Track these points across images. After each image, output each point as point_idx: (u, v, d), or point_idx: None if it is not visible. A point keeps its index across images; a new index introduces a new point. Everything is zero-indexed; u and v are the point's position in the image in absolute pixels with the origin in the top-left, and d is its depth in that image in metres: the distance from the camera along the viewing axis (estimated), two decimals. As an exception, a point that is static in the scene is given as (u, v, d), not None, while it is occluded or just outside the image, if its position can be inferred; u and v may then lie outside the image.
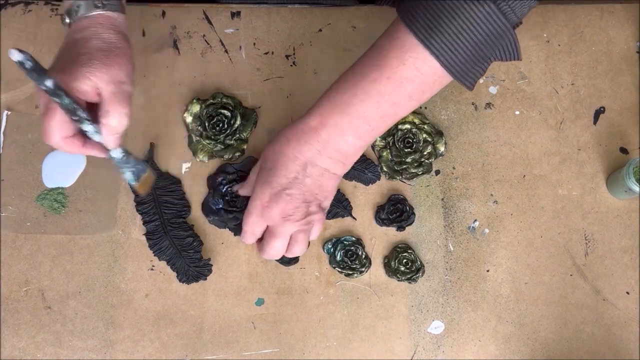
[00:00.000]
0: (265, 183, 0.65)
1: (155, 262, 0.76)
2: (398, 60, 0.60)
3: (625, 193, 0.75)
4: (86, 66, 0.58)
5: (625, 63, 0.83)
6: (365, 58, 0.63)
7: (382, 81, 0.61)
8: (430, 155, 0.78)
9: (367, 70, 0.62)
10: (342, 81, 0.64)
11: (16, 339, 0.73)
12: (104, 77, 0.59)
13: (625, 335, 0.75)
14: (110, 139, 0.61)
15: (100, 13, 0.63)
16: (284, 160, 0.64)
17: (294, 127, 0.64)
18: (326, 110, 0.63)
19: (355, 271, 0.75)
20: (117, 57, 0.61)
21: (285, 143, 0.64)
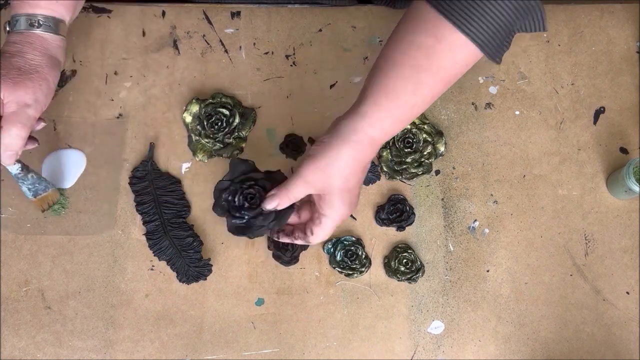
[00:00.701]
0: (351, 205, 0.65)
1: (155, 262, 0.76)
2: (437, 47, 0.59)
3: (625, 193, 0.75)
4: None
5: (625, 63, 0.83)
6: (398, 48, 0.61)
7: (422, 70, 0.59)
8: (430, 155, 0.78)
9: (405, 60, 0.60)
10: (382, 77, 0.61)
11: (16, 339, 0.73)
12: (8, 96, 0.63)
13: (625, 335, 0.75)
14: (5, 156, 0.64)
15: (33, 32, 0.66)
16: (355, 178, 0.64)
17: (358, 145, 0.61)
18: (387, 122, 0.61)
19: (355, 271, 0.75)
20: (29, 81, 0.64)
21: (355, 165, 0.62)
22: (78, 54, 0.82)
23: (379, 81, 0.60)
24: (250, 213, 0.66)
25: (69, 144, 0.79)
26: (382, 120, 0.60)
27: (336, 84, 0.82)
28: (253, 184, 0.67)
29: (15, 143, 0.64)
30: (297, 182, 0.63)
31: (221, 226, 0.77)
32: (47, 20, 0.67)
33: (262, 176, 0.68)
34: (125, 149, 0.79)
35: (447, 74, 0.60)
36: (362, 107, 0.61)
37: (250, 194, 0.66)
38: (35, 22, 0.66)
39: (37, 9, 0.67)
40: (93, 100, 0.81)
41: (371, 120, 0.60)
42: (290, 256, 0.75)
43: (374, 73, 0.61)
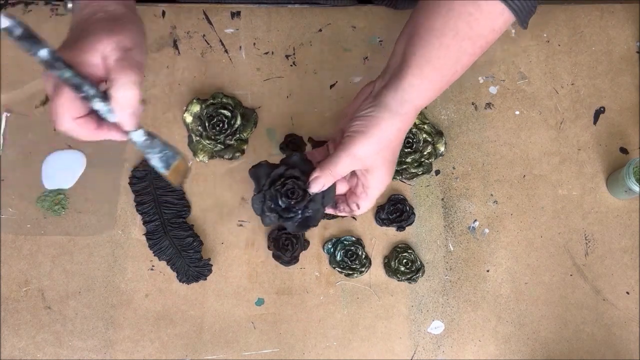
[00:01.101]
0: (392, 174, 0.65)
1: (155, 262, 0.76)
2: (477, 15, 0.58)
3: (625, 193, 0.75)
4: (91, 37, 0.52)
5: (625, 63, 0.83)
6: (437, 16, 0.60)
7: (465, 37, 0.59)
8: (430, 155, 0.78)
9: (446, 28, 0.59)
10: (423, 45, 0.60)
11: (16, 339, 0.73)
12: (109, 44, 0.52)
13: (625, 335, 0.75)
14: (125, 116, 0.53)
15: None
16: (398, 148, 0.64)
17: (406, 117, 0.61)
18: (431, 92, 0.62)
19: (355, 271, 0.75)
20: (123, 25, 0.55)
21: (399, 135, 0.62)
22: (78, 54, 0.82)
23: (421, 50, 0.60)
24: (300, 205, 0.65)
25: (69, 144, 0.79)
26: (427, 90, 0.61)
27: (336, 84, 0.82)
28: (284, 180, 0.65)
29: (133, 94, 0.52)
30: (345, 159, 0.62)
31: (221, 226, 0.77)
32: None
33: (285, 168, 0.66)
34: (125, 149, 0.79)
35: (485, 41, 0.60)
36: (407, 78, 0.60)
37: (289, 190, 0.65)
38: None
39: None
40: (93, 100, 0.80)
41: (418, 92, 0.60)
42: (290, 256, 0.75)
43: (413, 41, 0.61)
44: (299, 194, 0.65)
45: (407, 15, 0.81)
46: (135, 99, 0.52)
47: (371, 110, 0.61)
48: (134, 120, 0.53)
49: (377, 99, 0.61)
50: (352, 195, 0.67)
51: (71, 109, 0.52)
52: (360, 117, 0.61)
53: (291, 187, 0.65)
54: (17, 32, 0.43)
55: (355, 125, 0.61)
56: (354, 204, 0.66)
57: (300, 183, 0.65)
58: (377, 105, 0.61)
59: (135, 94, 0.52)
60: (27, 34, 0.43)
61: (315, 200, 0.65)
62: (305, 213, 0.65)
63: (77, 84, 0.50)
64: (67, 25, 0.82)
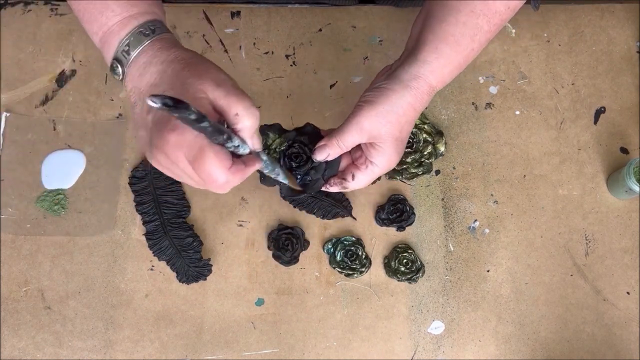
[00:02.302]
0: (399, 155, 0.63)
1: (155, 262, 0.76)
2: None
3: (626, 193, 0.75)
4: (188, 91, 0.50)
5: (625, 63, 0.83)
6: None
7: (480, 15, 0.59)
8: (430, 155, 0.78)
9: (462, 5, 0.59)
10: (439, 23, 0.60)
11: (16, 339, 0.73)
12: (209, 87, 0.50)
13: (625, 335, 0.75)
14: (256, 141, 0.53)
15: (153, 40, 0.54)
16: (408, 127, 0.62)
17: (418, 92, 0.60)
18: (447, 70, 0.60)
19: (355, 271, 0.75)
20: (199, 64, 0.53)
21: (410, 111, 0.61)
22: (78, 54, 0.82)
23: (436, 27, 0.59)
24: (301, 170, 0.65)
25: (68, 144, 0.79)
26: (442, 67, 0.60)
27: (336, 84, 0.82)
28: (292, 143, 0.66)
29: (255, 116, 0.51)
30: (351, 129, 0.60)
31: (221, 226, 0.77)
32: (152, 23, 0.55)
33: (295, 134, 0.66)
34: (125, 149, 0.79)
35: (500, 19, 0.60)
36: (422, 54, 0.59)
37: (295, 153, 0.65)
38: (146, 31, 0.54)
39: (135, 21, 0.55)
40: (93, 100, 0.81)
41: (432, 68, 0.59)
42: (290, 256, 0.75)
43: (428, 20, 0.60)
44: (302, 159, 0.65)
45: (408, 14, 0.82)
46: (257, 121, 0.52)
47: (383, 83, 0.60)
48: (260, 140, 0.54)
49: (391, 75, 0.61)
50: (351, 166, 0.65)
51: (222, 161, 0.49)
52: (372, 89, 0.60)
53: (296, 151, 0.65)
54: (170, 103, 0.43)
55: (366, 96, 0.60)
56: (349, 174, 0.64)
57: (306, 149, 0.65)
58: (389, 79, 0.60)
59: (257, 115, 0.52)
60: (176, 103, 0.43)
61: (317, 170, 0.65)
62: (303, 180, 0.65)
63: (218, 129, 0.48)
64: (67, 25, 0.83)
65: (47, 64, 0.82)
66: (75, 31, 0.83)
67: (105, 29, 0.54)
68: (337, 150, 0.62)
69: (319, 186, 0.66)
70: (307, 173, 0.65)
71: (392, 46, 0.83)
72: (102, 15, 0.54)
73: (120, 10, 0.54)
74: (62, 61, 0.82)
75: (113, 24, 0.54)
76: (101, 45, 0.56)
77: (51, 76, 0.81)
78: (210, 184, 0.50)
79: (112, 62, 0.55)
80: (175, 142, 0.48)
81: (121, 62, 0.54)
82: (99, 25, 0.55)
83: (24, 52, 0.82)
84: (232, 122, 0.51)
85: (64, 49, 0.82)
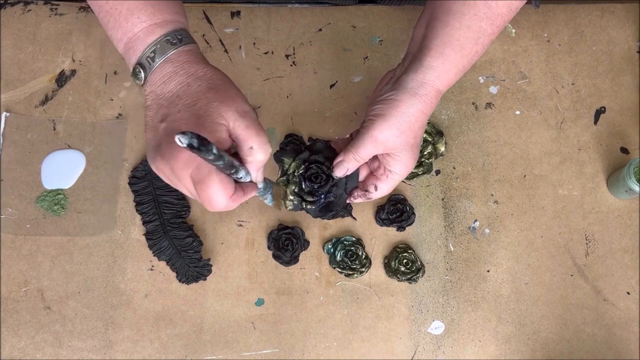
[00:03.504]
0: (416, 159, 0.64)
1: (155, 262, 0.76)
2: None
3: (626, 193, 0.75)
4: (210, 114, 0.52)
5: (625, 63, 0.83)
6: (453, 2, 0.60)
7: (484, 18, 0.59)
8: (430, 155, 0.78)
9: (465, 9, 0.59)
10: (443, 27, 0.60)
11: (15, 339, 0.73)
12: (232, 116, 0.52)
13: (625, 335, 0.74)
14: (260, 173, 0.57)
15: (179, 50, 0.55)
16: (420, 131, 0.63)
17: (427, 98, 0.60)
18: (452, 74, 0.61)
19: (355, 271, 0.75)
20: (226, 89, 0.54)
21: (421, 117, 0.61)
22: (78, 54, 0.82)
23: (440, 31, 0.60)
24: (323, 190, 0.66)
25: (68, 144, 0.79)
26: (448, 72, 0.60)
27: (336, 84, 0.82)
28: (308, 165, 0.67)
29: (268, 152, 0.55)
30: (367, 143, 0.61)
31: (221, 226, 0.77)
32: (179, 32, 0.56)
33: (309, 154, 0.67)
34: (125, 149, 0.79)
35: (503, 21, 0.60)
36: (427, 60, 0.60)
37: (313, 174, 0.66)
38: (174, 39, 0.55)
39: (161, 29, 0.55)
40: (93, 100, 0.81)
41: (438, 73, 0.60)
42: (290, 256, 0.75)
43: (432, 24, 0.61)
44: (322, 178, 0.66)
45: (408, 14, 0.82)
46: (268, 156, 0.55)
47: (391, 94, 0.60)
48: (263, 174, 0.58)
49: (397, 83, 0.61)
50: (371, 177, 0.67)
51: (226, 189, 0.52)
52: (380, 101, 0.61)
53: (315, 172, 0.66)
54: (195, 144, 0.44)
55: (376, 109, 0.61)
56: (371, 186, 0.66)
57: (324, 168, 0.66)
58: (396, 89, 0.60)
59: (269, 152, 0.55)
60: (202, 142, 0.45)
61: (338, 186, 0.66)
62: (328, 198, 0.66)
63: (230, 164, 0.51)
64: (66, 25, 0.83)
65: (46, 64, 0.82)
66: (75, 31, 0.83)
67: (131, 35, 0.55)
68: (355, 163, 0.64)
69: (344, 201, 0.68)
70: (329, 191, 0.66)
71: (392, 46, 0.83)
72: (127, 22, 0.55)
73: (146, 18, 0.54)
74: (61, 61, 0.82)
75: (139, 30, 0.55)
76: (125, 50, 0.56)
77: (51, 76, 0.81)
78: (209, 206, 0.53)
79: (135, 67, 0.55)
80: (185, 160, 0.51)
81: (144, 68, 0.55)
82: (124, 32, 0.55)
83: (23, 52, 0.82)
84: (245, 154, 0.54)
85: (64, 49, 0.82)
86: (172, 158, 0.51)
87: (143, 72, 0.55)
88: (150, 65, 0.54)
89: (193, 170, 0.51)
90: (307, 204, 0.67)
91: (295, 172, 0.67)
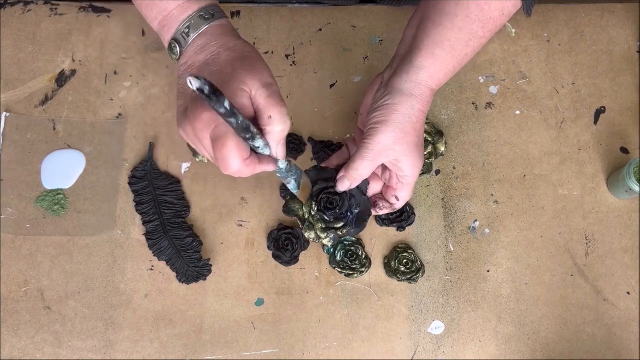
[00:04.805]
0: (423, 156, 0.65)
1: (155, 262, 0.76)
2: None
3: (626, 193, 0.75)
4: (234, 80, 0.53)
5: (626, 63, 0.83)
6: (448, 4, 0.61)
7: (476, 20, 0.60)
8: (430, 155, 0.78)
9: (458, 10, 0.60)
10: (435, 28, 0.61)
11: (15, 339, 0.73)
12: (255, 84, 0.53)
13: (626, 335, 0.74)
14: (280, 147, 0.56)
15: (212, 25, 0.57)
16: (422, 129, 0.63)
17: (423, 98, 0.61)
18: (442, 74, 0.61)
19: (356, 271, 0.75)
20: (253, 60, 0.56)
21: (420, 116, 0.62)
22: (78, 54, 0.82)
23: (432, 32, 0.60)
24: (344, 209, 0.67)
25: (68, 144, 0.79)
26: (438, 72, 0.61)
27: (336, 84, 0.82)
28: (319, 194, 0.67)
29: (287, 125, 0.55)
30: (374, 152, 0.61)
31: (221, 226, 0.77)
32: (211, 7, 0.58)
33: (316, 181, 0.68)
34: (125, 149, 0.79)
35: (495, 25, 0.61)
36: (418, 60, 0.60)
37: (329, 202, 0.67)
38: (206, 15, 0.57)
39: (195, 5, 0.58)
40: (93, 100, 0.81)
41: (430, 73, 0.60)
42: (290, 256, 0.75)
43: (423, 24, 0.61)
44: (336, 201, 0.67)
45: (408, 14, 0.82)
46: (287, 129, 0.55)
47: (387, 99, 0.61)
48: (284, 149, 0.57)
49: (390, 87, 0.61)
50: (388, 189, 0.67)
51: (241, 151, 0.53)
52: (378, 108, 0.61)
53: (327, 199, 0.67)
54: (206, 90, 0.45)
55: (375, 117, 0.61)
56: (392, 197, 0.67)
57: (331, 190, 0.66)
58: (391, 93, 0.61)
59: (288, 124, 0.55)
60: (213, 91, 0.45)
61: (355, 195, 0.66)
62: (353, 211, 0.67)
63: (246, 126, 0.51)
64: (66, 25, 0.83)
65: (46, 64, 0.82)
66: (75, 31, 0.83)
67: (166, 14, 0.58)
68: (358, 179, 0.64)
69: (369, 209, 0.68)
70: (351, 205, 0.67)
71: (392, 46, 0.83)
72: (162, 1, 0.58)
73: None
74: (61, 61, 0.82)
75: (173, 8, 0.58)
76: (160, 28, 0.59)
77: (51, 76, 0.81)
78: (224, 167, 0.53)
79: (171, 42, 0.58)
80: (206, 120, 0.52)
81: (179, 43, 0.58)
82: (159, 10, 0.58)
83: (23, 52, 0.82)
84: (264, 123, 0.54)
85: (64, 49, 0.82)
86: (195, 118, 0.52)
87: (179, 47, 0.58)
88: (185, 40, 0.57)
89: (212, 130, 0.52)
90: (340, 230, 0.68)
91: (311, 212, 0.68)
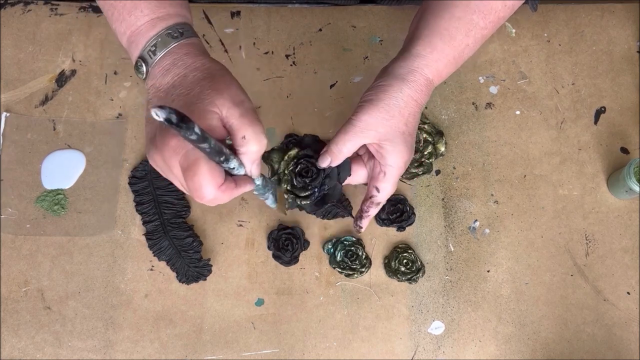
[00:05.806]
0: (412, 150, 0.63)
1: (155, 262, 0.76)
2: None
3: (626, 193, 0.75)
4: (202, 101, 0.50)
5: (625, 63, 0.83)
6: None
7: (476, 10, 0.59)
8: (430, 155, 0.78)
9: (455, 0, 0.59)
10: (434, 18, 0.60)
11: (15, 339, 0.73)
12: (224, 104, 0.51)
13: (626, 335, 0.74)
14: (255, 166, 0.54)
15: (180, 43, 0.54)
16: (413, 120, 0.62)
17: (416, 85, 0.60)
18: (441, 64, 0.60)
19: (356, 271, 0.75)
20: (222, 79, 0.54)
21: (411, 104, 0.60)
22: (78, 54, 0.82)
23: (431, 22, 0.60)
24: (316, 183, 0.65)
25: (68, 144, 0.79)
26: (437, 61, 0.60)
27: (336, 84, 0.82)
28: (297, 161, 0.65)
29: (262, 144, 0.52)
30: (356, 129, 0.60)
31: (221, 226, 0.77)
32: (181, 26, 0.56)
33: (297, 150, 0.66)
34: (125, 149, 0.79)
35: (496, 16, 0.60)
36: (416, 48, 0.60)
37: (304, 169, 0.65)
38: (175, 33, 0.55)
39: (163, 23, 0.55)
40: (93, 100, 0.81)
41: (426, 61, 0.59)
42: (290, 256, 0.75)
43: (424, 15, 0.61)
44: (313, 172, 0.65)
45: (408, 14, 0.82)
46: (263, 148, 0.53)
47: (380, 81, 0.60)
48: (259, 167, 0.55)
49: (385, 72, 0.61)
50: (371, 180, 0.65)
51: (214, 178, 0.50)
52: (370, 89, 0.61)
53: (305, 166, 0.65)
54: (174, 120, 0.42)
55: (365, 96, 0.61)
56: (373, 189, 0.64)
57: (313, 161, 0.65)
58: (383, 76, 0.61)
59: (264, 144, 0.52)
60: (181, 118, 0.43)
61: (331, 177, 0.64)
62: (321, 191, 0.65)
63: (218, 149, 0.48)
64: (66, 25, 0.83)
65: (46, 64, 0.82)
66: (75, 31, 0.83)
67: (134, 29, 0.55)
68: (340, 157, 0.62)
69: (339, 192, 0.66)
70: (322, 184, 0.65)
71: (392, 46, 0.83)
72: (130, 15, 0.55)
73: (149, 12, 0.54)
74: (61, 61, 0.82)
75: (142, 24, 0.54)
76: (128, 44, 0.56)
77: (51, 76, 0.81)
78: (198, 196, 0.50)
79: (137, 61, 0.55)
80: (174, 147, 0.49)
81: (146, 62, 0.54)
82: (127, 25, 0.55)
83: (23, 52, 0.82)
84: (238, 144, 0.52)
85: (64, 49, 0.82)
86: (163, 146, 0.50)
87: (145, 66, 0.54)
88: (152, 58, 0.54)
89: (181, 158, 0.49)
90: (301, 200, 0.66)
91: (285, 170, 0.66)
